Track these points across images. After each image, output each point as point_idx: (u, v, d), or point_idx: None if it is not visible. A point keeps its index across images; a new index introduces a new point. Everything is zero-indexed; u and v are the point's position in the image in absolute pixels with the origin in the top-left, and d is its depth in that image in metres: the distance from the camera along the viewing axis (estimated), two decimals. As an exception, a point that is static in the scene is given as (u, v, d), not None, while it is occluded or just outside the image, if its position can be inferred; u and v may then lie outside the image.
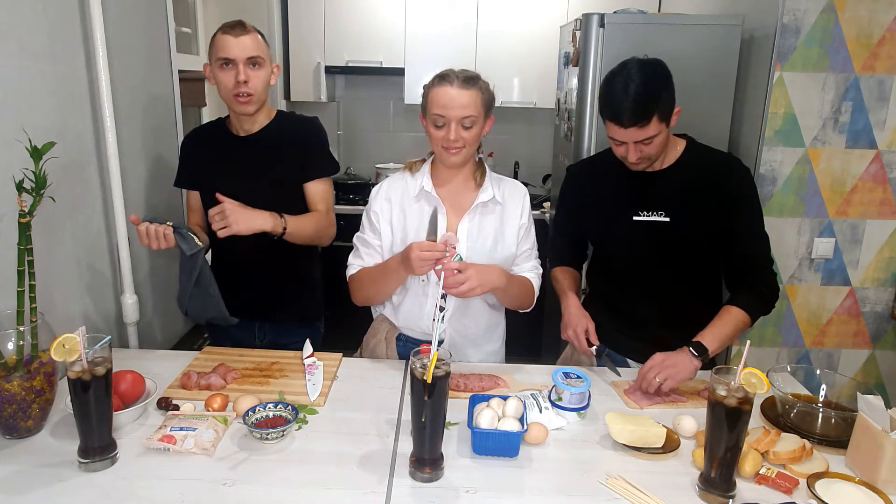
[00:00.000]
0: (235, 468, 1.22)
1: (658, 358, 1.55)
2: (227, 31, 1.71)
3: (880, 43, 2.31)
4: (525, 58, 3.73)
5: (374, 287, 1.69)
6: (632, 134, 1.53)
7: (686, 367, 1.53)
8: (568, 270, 1.88)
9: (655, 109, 1.50)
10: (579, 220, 1.85)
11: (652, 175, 1.68)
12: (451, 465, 1.25)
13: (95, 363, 1.17)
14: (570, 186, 1.88)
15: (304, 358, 1.67)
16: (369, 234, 1.71)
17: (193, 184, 1.92)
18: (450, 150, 1.57)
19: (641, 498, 1.16)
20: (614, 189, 1.74)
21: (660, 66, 1.57)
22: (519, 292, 1.69)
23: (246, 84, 1.70)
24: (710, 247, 1.68)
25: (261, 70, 1.74)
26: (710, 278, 1.75)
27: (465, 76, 1.55)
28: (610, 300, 1.81)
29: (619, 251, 1.77)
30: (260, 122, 1.84)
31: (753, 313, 1.63)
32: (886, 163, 2.41)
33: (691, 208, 1.66)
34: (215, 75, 1.74)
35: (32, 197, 1.28)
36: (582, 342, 1.66)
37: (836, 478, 1.21)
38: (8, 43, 1.47)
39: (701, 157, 1.69)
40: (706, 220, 1.65)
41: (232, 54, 1.69)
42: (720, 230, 1.65)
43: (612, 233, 1.76)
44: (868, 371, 2.60)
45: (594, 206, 1.78)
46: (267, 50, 1.77)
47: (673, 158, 1.68)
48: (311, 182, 1.87)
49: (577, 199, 1.85)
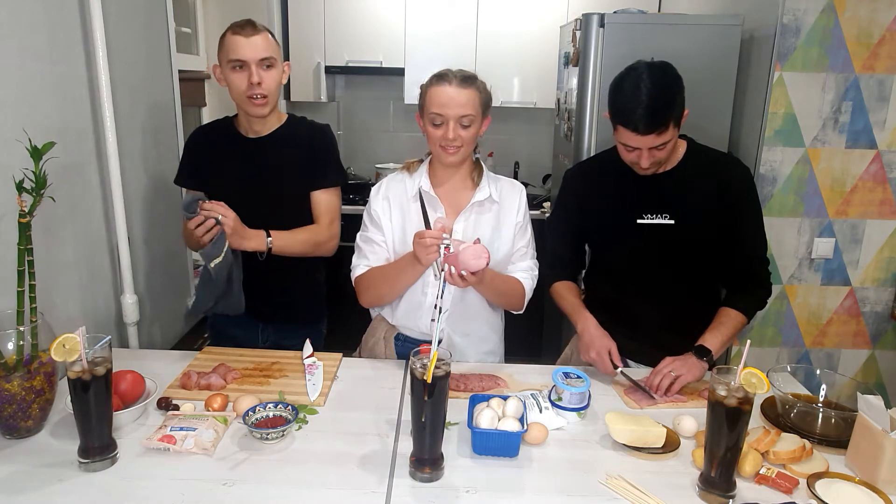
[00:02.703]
0: (235, 468, 1.22)
1: (668, 360, 1.58)
2: (237, 32, 1.68)
3: (880, 43, 2.31)
4: (525, 58, 3.73)
5: (387, 285, 1.67)
6: (648, 140, 1.51)
7: (695, 370, 1.56)
8: (570, 286, 1.83)
9: (671, 115, 1.49)
10: (579, 223, 1.81)
11: (656, 177, 1.66)
12: (451, 465, 1.24)
13: (95, 363, 1.17)
14: (569, 189, 1.84)
15: (304, 358, 1.67)
16: (373, 232, 1.70)
17: (198, 183, 1.87)
18: (448, 149, 1.57)
19: (641, 498, 1.16)
20: (617, 191, 1.72)
21: (672, 70, 1.54)
22: (504, 290, 1.67)
23: (259, 86, 1.68)
24: (713, 248, 1.68)
25: (273, 70, 1.72)
26: (710, 279, 1.76)
27: (462, 76, 1.55)
28: (609, 302, 1.79)
29: (621, 253, 1.76)
30: (270, 124, 1.82)
31: (750, 313, 1.65)
32: (886, 163, 2.41)
33: (696, 210, 1.65)
34: (226, 77, 1.71)
35: (32, 197, 1.28)
36: (607, 365, 1.62)
37: (836, 478, 1.21)
38: (8, 43, 1.47)
39: (702, 159, 1.69)
40: (710, 221, 1.65)
41: (244, 56, 1.67)
42: (723, 231, 1.65)
43: (615, 235, 1.74)
44: (868, 371, 2.61)
45: (595, 209, 1.76)
46: (278, 49, 1.75)
47: (676, 160, 1.67)
48: (319, 192, 1.85)
49: (576, 202, 1.81)
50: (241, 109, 1.78)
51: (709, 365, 1.57)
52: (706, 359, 1.57)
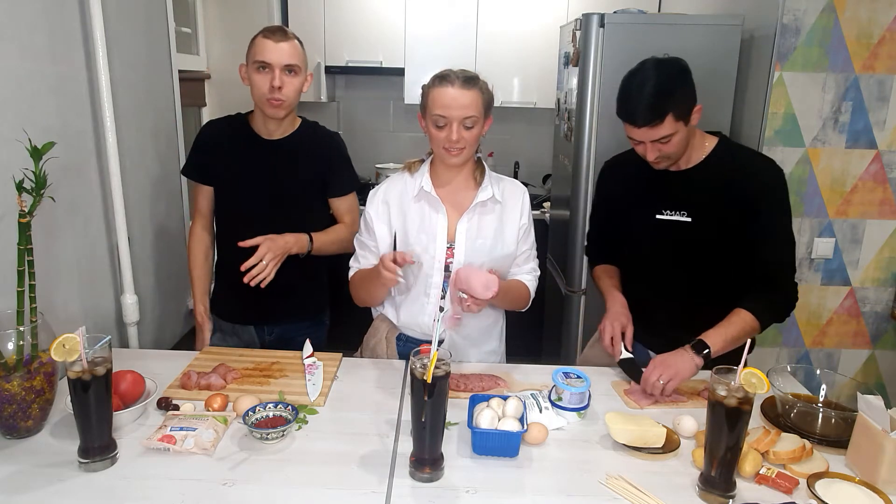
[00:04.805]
0: (235, 468, 1.22)
1: (658, 360, 1.55)
2: (267, 36, 1.72)
3: (880, 43, 2.31)
4: (525, 58, 3.73)
5: (364, 290, 1.71)
6: (645, 133, 1.52)
7: (686, 367, 1.53)
8: (608, 269, 1.88)
9: (669, 108, 1.49)
10: (610, 215, 1.86)
11: (677, 174, 1.67)
12: (451, 465, 1.24)
13: (95, 363, 1.17)
14: (602, 182, 1.89)
15: (304, 358, 1.67)
16: (365, 236, 1.73)
17: (210, 178, 1.89)
18: (451, 151, 1.57)
19: (641, 498, 1.16)
20: (640, 186, 1.74)
21: (676, 65, 1.55)
22: (513, 298, 1.71)
23: (280, 90, 1.72)
24: (731, 249, 1.64)
25: (296, 77, 1.76)
26: (728, 281, 1.69)
27: (465, 76, 1.55)
28: (627, 297, 1.79)
29: (639, 249, 1.77)
30: (285, 128, 1.86)
31: (763, 319, 1.59)
32: (886, 163, 2.41)
33: (713, 209, 1.63)
34: (250, 76, 1.75)
35: (32, 197, 1.28)
36: (607, 339, 1.65)
37: (836, 478, 1.21)
38: (8, 43, 1.47)
39: (729, 157, 1.65)
40: (726, 221, 1.61)
41: (270, 59, 1.71)
42: (739, 232, 1.61)
43: (635, 230, 1.76)
44: (868, 371, 2.61)
45: (621, 202, 1.80)
46: (304, 58, 1.79)
47: (700, 157, 1.66)
48: (339, 198, 1.96)
49: (607, 194, 1.87)
50: (258, 109, 1.82)
51: (704, 361, 1.54)
52: (704, 354, 1.53)
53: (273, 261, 1.72)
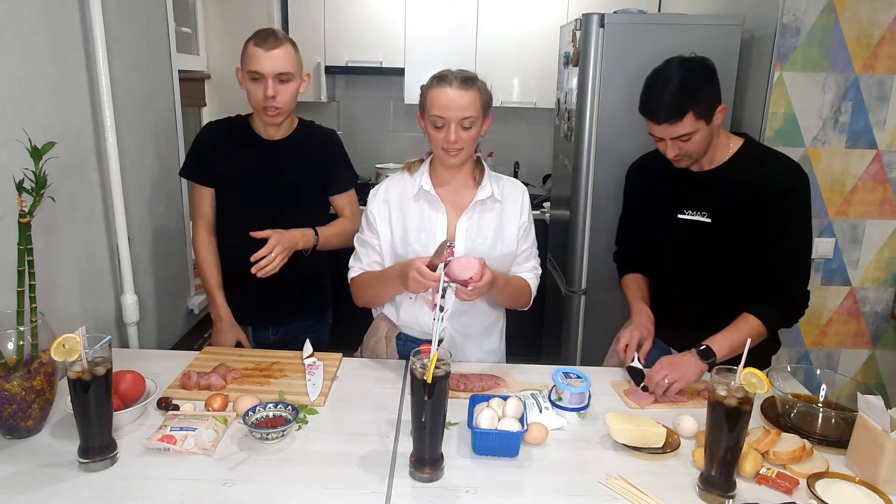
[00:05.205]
0: (235, 468, 1.22)
1: (665, 361, 1.57)
2: (258, 44, 1.71)
3: (880, 43, 2.31)
4: (525, 58, 3.73)
5: (372, 292, 1.70)
6: (665, 130, 1.53)
7: (692, 371, 1.54)
8: (636, 278, 1.88)
9: (690, 107, 1.49)
10: (636, 214, 1.87)
11: (700, 174, 1.67)
12: (451, 465, 1.24)
13: (95, 363, 1.17)
14: (628, 183, 1.90)
15: (304, 358, 1.67)
16: (367, 234, 1.72)
17: (211, 179, 1.90)
18: (450, 151, 1.57)
19: (641, 498, 1.16)
20: (663, 186, 1.74)
21: (700, 64, 1.55)
22: (514, 292, 1.70)
23: (274, 99, 1.72)
24: (748, 250, 1.63)
25: (290, 84, 1.76)
26: (751, 281, 1.66)
27: (463, 77, 1.55)
28: (651, 294, 1.81)
29: (660, 248, 1.78)
30: (284, 129, 1.88)
31: (770, 324, 1.59)
32: (886, 163, 2.41)
33: (732, 210, 1.62)
34: (246, 84, 1.76)
35: (32, 197, 1.28)
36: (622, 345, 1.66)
37: (836, 478, 1.21)
38: (8, 43, 1.47)
39: (752, 159, 1.63)
40: (744, 223, 1.61)
41: (261, 69, 1.71)
42: (756, 234, 1.60)
43: (657, 229, 1.77)
44: (868, 371, 2.60)
45: (645, 202, 1.81)
46: (297, 62, 1.79)
47: (723, 158, 1.65)
48: (339, 195, 1.99)
49: (634, 194, 1.88)
50: (257, 113, 1.83)
51: (709, 367, 1.55)
52: (707, 361, 1.54)
53: (281, 254, 1.73)
